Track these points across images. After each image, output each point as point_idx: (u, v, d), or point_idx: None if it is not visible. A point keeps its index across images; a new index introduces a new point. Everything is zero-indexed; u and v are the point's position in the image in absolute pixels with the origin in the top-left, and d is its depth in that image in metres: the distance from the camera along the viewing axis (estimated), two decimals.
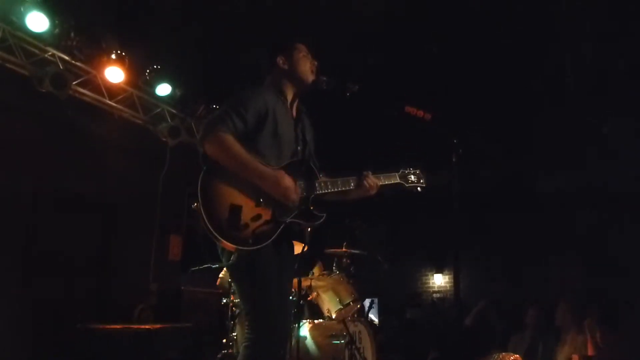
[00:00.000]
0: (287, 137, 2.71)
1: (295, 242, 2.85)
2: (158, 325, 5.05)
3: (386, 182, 2.89)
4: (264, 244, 2.45)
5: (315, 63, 2.85)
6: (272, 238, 2.48)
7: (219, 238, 2.39)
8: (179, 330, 5.24)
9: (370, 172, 2.80)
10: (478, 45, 6.29)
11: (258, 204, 2.49)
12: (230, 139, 2.47)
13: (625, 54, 6.17)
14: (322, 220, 2.65)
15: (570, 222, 8.53)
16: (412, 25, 6.07)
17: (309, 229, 2.72)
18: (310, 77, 2.81)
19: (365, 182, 2.75)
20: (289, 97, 2.83)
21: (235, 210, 2.42)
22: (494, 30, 6.05)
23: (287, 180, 2.51)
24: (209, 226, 2.37)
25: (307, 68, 2.81)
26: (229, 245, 2.42)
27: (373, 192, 2.80)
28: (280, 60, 2.82)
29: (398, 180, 2.96)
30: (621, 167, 7.34)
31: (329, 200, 2.75)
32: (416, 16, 5.94)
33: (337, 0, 5.77)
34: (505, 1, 5.68)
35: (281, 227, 2.52)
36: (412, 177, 2.99)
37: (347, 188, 2.75)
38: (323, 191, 2.68)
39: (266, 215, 2.49)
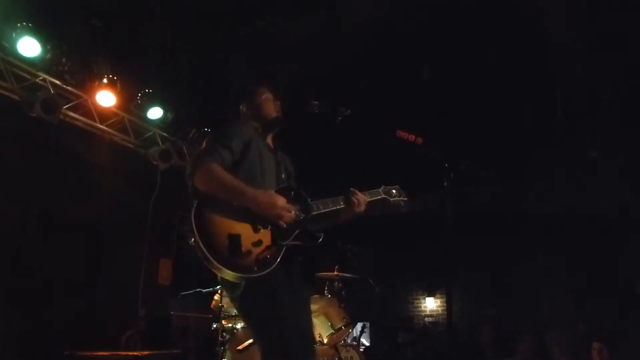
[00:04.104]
0: (270, 166, 2.75)
1: None
2: (146, 352, 4.97)
3: (371, 199, 2.94)
4: (270, 269, 2.40)
5: (278, 103, 2.94)
6: (277, 261, 2.44)
7: (223, 269, 2.31)
8: (167, 357, 5.16)
9: (355, 190, 2.85)
10: (470, 69, 6.36)
11: (256, 230, 2.46)
12: (218, 168, 2.49)
13: (615, 80, 6.28)
14: (320, 239, 2.64)
15: (563, 246, 8.55)
16: (404, 50, 6.14)
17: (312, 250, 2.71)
18: (272, 115, 2.91)
19: (353, 198, 2.80)
20: (262, 131, 2.90)
21: (235, 238, 2.38)
22: (486, 54, 6.13)
23: (281, 200, 2.50)
24: (211, 258, 2.29)
25: (269, 109, 2.91)
26: (234, 275, 2.34)
27: (362, 208, 2.83)
28: (243, 108, 2.98)
29: (382, 196, 3.03)
30: (610, 192, 7.40)
31: (322, 226, 2.74)
32: (407, 40, 6.02)
33: (328, 24, 5.84)
34: (496, 25, 5.77)
35: (283, 250, 2.49)
36: (394, 192, 3.08)
37: (337, 207, 2.79)
38: (317, 212, 2.69)
39: (266, 240, 2.47)
